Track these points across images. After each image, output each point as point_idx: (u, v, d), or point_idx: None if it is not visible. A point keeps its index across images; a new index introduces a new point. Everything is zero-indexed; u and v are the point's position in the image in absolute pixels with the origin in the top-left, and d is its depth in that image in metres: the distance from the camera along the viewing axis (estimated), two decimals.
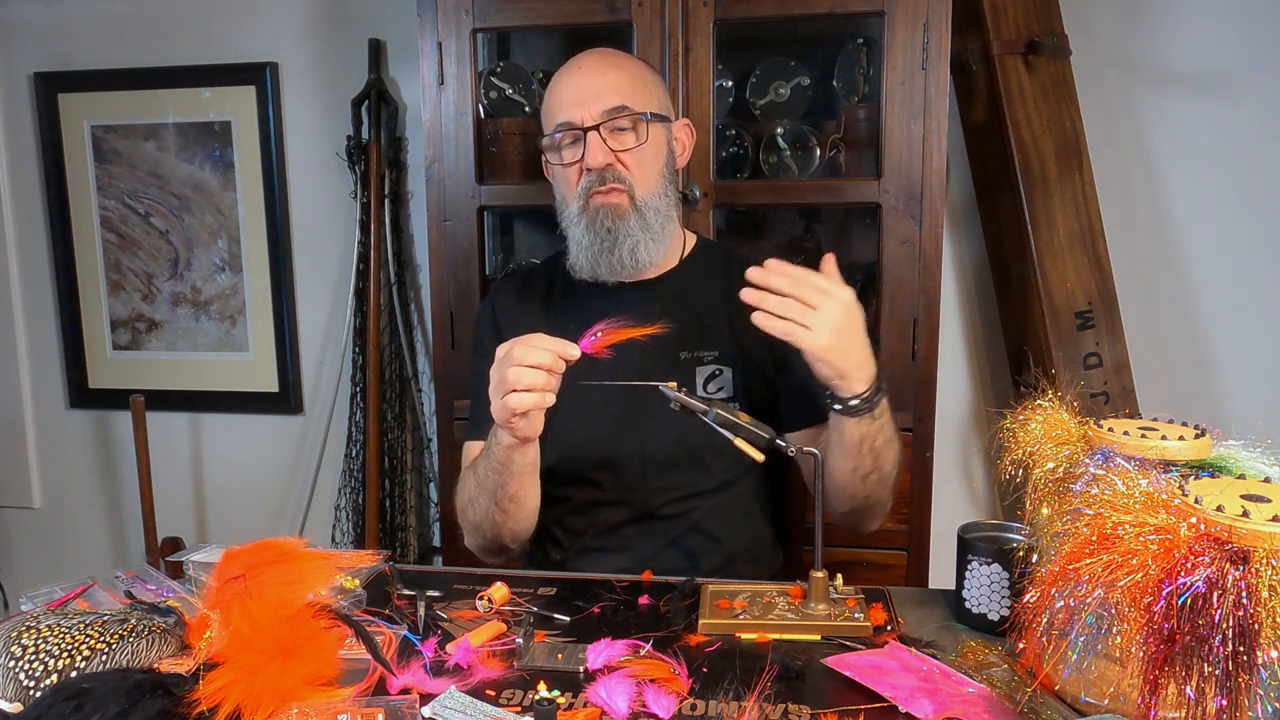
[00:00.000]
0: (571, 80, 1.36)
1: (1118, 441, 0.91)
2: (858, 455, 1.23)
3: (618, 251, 1.34)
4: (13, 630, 0.92)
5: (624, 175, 1.33)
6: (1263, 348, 2.11)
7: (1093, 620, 0.78)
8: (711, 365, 1.39)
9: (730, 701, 0.92)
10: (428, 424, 2.37)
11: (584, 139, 1.32)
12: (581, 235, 1.35)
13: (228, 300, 2.45)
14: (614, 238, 1.34)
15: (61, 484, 2.65)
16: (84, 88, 2.40)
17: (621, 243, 1.34)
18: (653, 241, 1.36)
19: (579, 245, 1.37)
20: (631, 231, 1.34)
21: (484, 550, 1.37)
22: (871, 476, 1.26)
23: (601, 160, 1.32)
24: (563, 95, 1.35)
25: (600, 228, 1.34)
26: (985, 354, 2.22)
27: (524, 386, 1.11)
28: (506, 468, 1.23)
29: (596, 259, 1.35)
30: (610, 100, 1.32)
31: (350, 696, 0.91)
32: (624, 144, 1.34)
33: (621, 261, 1.35)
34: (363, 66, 2.26)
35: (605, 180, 1.32)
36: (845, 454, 1.23)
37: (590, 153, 1.32)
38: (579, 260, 1.38)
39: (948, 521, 1.41)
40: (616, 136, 1.33)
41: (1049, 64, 1.95)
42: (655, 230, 1.36)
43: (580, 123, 1.32)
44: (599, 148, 1.32)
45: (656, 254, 1.38)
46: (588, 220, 1.34)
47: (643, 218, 1.34)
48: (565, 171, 1.37)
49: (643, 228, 1.34)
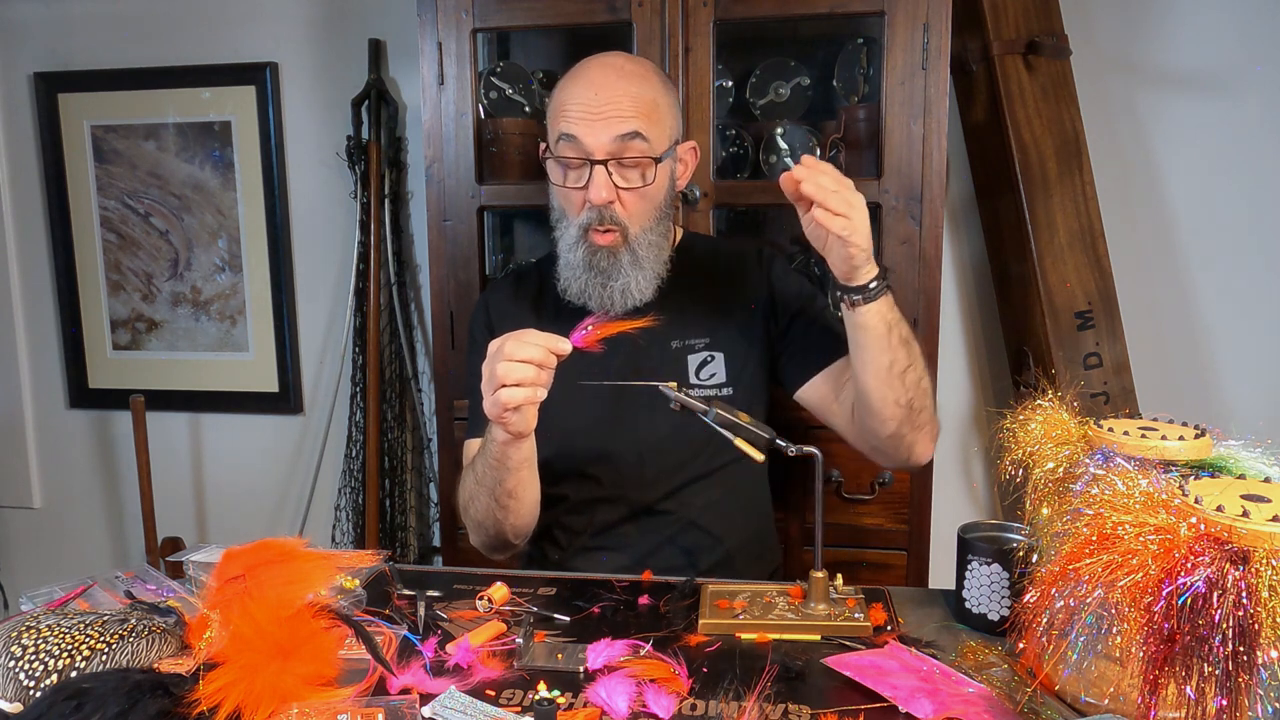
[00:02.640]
0: (587, 94, 1.30)
1: (1118, 441, 0.91)
2: (890, 347, 1.21)
3: (609, 289, 1.35)
4: (13, 630, 0.92)
5: (620, 217, 1.32)
6: (1263, 348, 2.11)
7: (1093, 620, 0.78)
8: (703, 352, 1.40)
9: (730, 701, 0.92)
10: (428, 424, 2.37)
11: (590, 170, 1.30)
12: (578, 264, 1.35)
13: (228, 300, 2.45)
14: (605, 277, 1.34)
15: (61, 484, 2.65)
16: (84, 88, 2.40)
17: (614, 282, 1.34)
18: (643, 278, 1.36)
19: (572, 271, 1.36)
20: (624, 272, 1.34)
21: (488, 547, 1.38)
22: (910, 372, 1.24)
23: (605, 198, 1.30)
24: (575, 107, 1.30)
25: (595, 267, 1.34)
26: (985, 354, 2.22)
27: (514, 381, 1.11)
28: (503, 464, 1.23)
29: (587, 290, 1.35)
30: (624, 125, 1.28)
31: (350, 696, 0.91)
32: (629, 181, 1.31)
33: (612, 299, 1.35)
34: (363, 66, 2.26)
35: (603, 220, 1.31)
36: (877, 351, 1.22)
37: (594, 189, 1.29)
38: (570, 285, 1.37)
39: (948, 521, 1.42)
40: (622, 172, 1.31)
41: (1049, 64, 1.95)
42: (645, 264, 1.36)
43: (590, 150, 1.29)
44: (604, 184, 1.29)
45: (649, 290, 1.37)
46: (585, 253, 1.34)
47: (634, 254, 1.34)
48: (568, 194, 1.35)
49: (634, 265, 1.34)
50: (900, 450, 1.30)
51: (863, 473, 1.73)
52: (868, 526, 1.75)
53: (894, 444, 1.29)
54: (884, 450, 1.32)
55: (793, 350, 1.41)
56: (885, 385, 1.24)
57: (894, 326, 1.22)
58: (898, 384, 1.24)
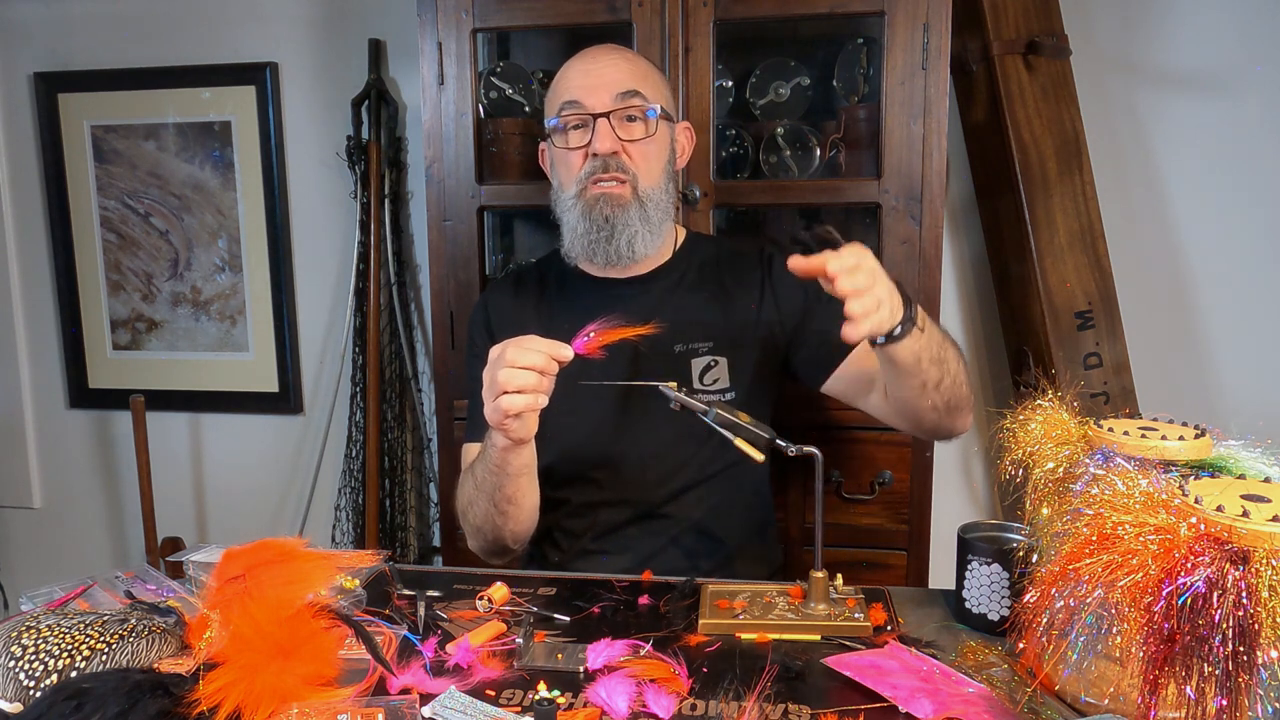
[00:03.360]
0: (583, 66, 1.36)
1: (1118, 441, 0.91)
2: (919, 372, 1.20)
3: (615, 241, 1.34)
4: (13, 630, 0.92)
5: (628, 165, 1.34)
6: (1263, 348, 2.11)
7: (1093, 620, 0.78)
8: (706, 357, 1.40)
9: (730, 701, 0.91)
10: (428, 424, 2.37)
11: (593, 124, 1.32)
12: (578, 221, 1.35)
13: (228, 300, 2.45)
14: (611, 227, 1.34)
15: (61, 484, 2.65)
16: (84, 88, 2.40)
17: (620, 233, 1.34)
18: (650, 234, 1.36)
19: (574, 232, 1.36)
20: (630, 222, 1.34)
21: (486, 552, 1.37)
22: (944, 381, 1.23)
23: (609, 146, 1.32)
24: (573, 79, 1.36)
25: (598, 215, 1.33)
26: (985, 354, 2.22)
27: (515, 388, 1.10)
28: (503, 470, 1.23)
29: (593, 247, 1.35)
30: (622, 85, 1.33)
31: (350, 696, 0.91)
32: (632, 134, 1.34)
33: (619, 251, 1.34)
34: (363, 66, 2.26)
35: (609, 168, 1.33)
36: (908, 377, 1.20)
37: (599, 138, 1.31)
38: (574, 247, 1.37)
39: (948, 521, 1.41)
40: (625, 126, 1.34)
41: (1049, 64, 1.95)
42: (654, 223, 1.36)
43: (591, 108, 1.33)
44: (608, 133, 1.32)
45: (653, 246, 1.38)
46: (584, 207, 1.34)
47: (643, 209, 1.34)
48: (568, 155, 1.36)
49: (642, 219, 1.34)
50: (940, 432, 1.34)
51: (863, 473, 1.73)
52: (868, 526, 1.75)
53: (932, 430, 1.33)
54: (922, 432, 1.35)
55: (809, 348, 1.40)
56: (919, 398, 1.24)
57: (923, 353, 1.17)
58: (933, 394, 1.23)
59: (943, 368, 1.22)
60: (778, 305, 1.42)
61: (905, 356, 1.16)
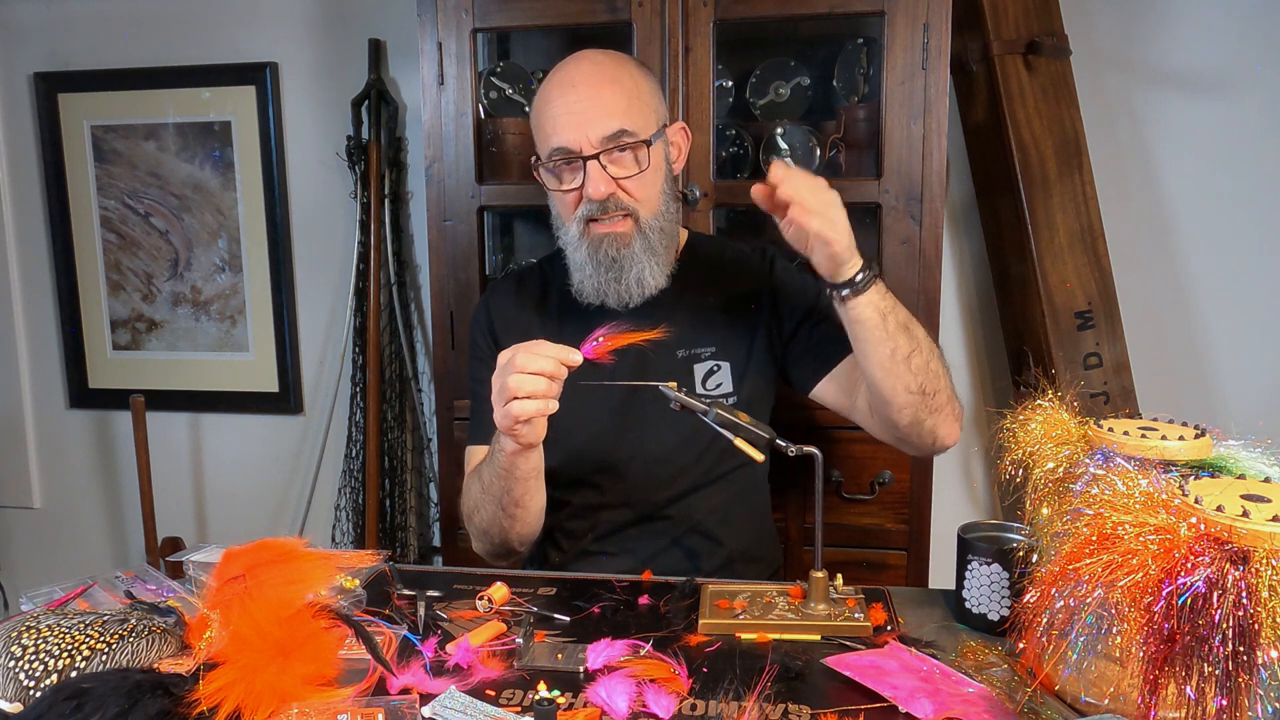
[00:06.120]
0: (564, 101, 1.30)
1: (1118, 441, 0.91)
2: (888, 335, 1.20)
3: (624, 280, 1.33)
4: (13, 630, 0.92)
5: (627, 202, 1.31)
6: (1263, 348, 2.11)
7: (1093, 620, 0.78)
8: (709, 361, 1.39)
9: (730, 701, 0.92)
10: (428, 424, 2.37)
11: (583, 166, 1.29)
12: (584, 261, 1.34)
13: (228, 300, 2.45)
14: (619, 267, 1.32)
15: (61, 484, 2.65)
16: (84, 88, 2.40)
17: (628, 270, 1.32)
18: (657, 265, 1.35)
19: (582, 271, 1.35)
20: (637, 259, 1.32)
21: (492, 554, 1.37)
22: (915, 356, 1.22)
23: (604, 191, 1.28)
24: (557, 117, 1.30)
25: (605, 256, 1.32)
26: (985, 354, 2.22)
27: (525, 394, 1.10)
28: (511, 473, 1.23)
29: (603, 288, 1.34)
30: (609, 125, 1.28)
31: (350, 696, 0.91)
32: (625, 169, 1.30)
33: (629, 290, 1.34)
34: (363, 66, 2.26)
35: (607, 209, 1.30)
36: (876, 341, 1.20)
37: (591, 183, 1.28)
38: (584, 287, 1.36)
39: (948, 521, 1.41)
40: (617, 161, 1.30)
41: (1049, 64, 1.95)
42: (659, 251, 1.35)
43: (579, 150, 1.28)
44: (600, 178, 1.28)
45: (661, 276, 1.36)
46: (589, 248, 1.32)
47: (647, 240, 1.33)
48: (563, 196, 1.33)
49: (647, 251, 1.33)
50: (924, 436, 1.28)
51: (863, 473, 1.73)
52: (868, 526, 1.75)
53: (915, 431, 1.28)
54: (908, 440, 1.30)
55: (801, 351, 1.40)
56: (891, 374, 1.22)
57: (888, 314, 1.20)
58: (904, 371, 1.22)
59: (912, 340, 1.22)
60: (776, 305, 1.42)
61: (870, 314, 1.19)
